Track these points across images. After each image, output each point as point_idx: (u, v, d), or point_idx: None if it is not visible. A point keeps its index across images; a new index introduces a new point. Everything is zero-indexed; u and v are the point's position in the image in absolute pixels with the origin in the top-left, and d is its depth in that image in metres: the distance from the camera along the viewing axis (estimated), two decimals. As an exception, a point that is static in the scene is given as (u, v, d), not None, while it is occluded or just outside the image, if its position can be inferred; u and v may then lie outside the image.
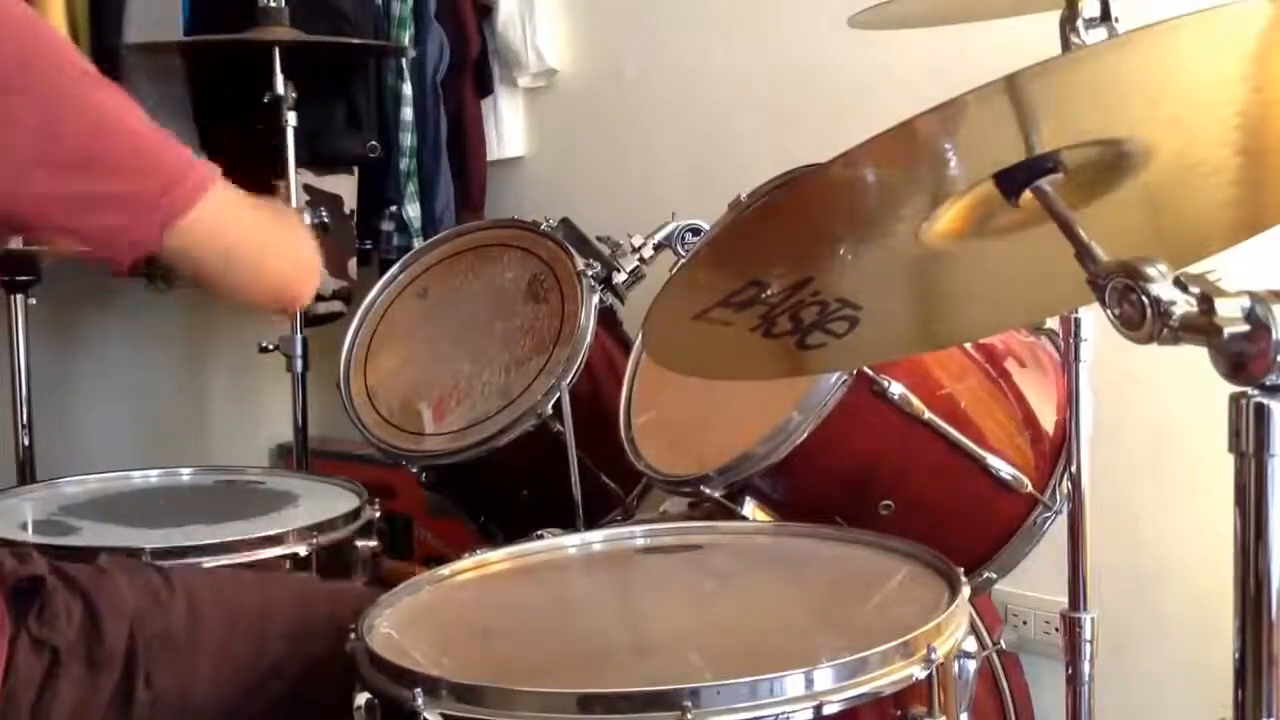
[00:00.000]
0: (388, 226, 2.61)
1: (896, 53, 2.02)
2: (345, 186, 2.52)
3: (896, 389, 1.49)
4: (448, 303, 2.07)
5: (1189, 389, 1.77)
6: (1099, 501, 1.54)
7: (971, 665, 1.13)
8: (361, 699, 1.07)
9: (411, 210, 2.58)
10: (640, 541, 1.46)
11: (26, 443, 2.27)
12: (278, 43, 2.17)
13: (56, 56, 1.17)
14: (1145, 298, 0.81)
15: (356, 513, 1.76)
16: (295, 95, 2.20)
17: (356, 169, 2.54)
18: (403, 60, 2.53)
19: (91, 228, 1.18)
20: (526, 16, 2.63)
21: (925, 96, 0.84)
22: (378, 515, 1.80)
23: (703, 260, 1.17)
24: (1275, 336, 0.78)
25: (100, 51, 2.33)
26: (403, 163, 2.56)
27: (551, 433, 1.83)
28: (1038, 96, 0.88)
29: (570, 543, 1.45)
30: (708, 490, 1.55)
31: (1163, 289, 0.81)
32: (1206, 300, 0.80)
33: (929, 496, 1.56)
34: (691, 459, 1.60)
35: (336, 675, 1.17)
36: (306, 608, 1.37)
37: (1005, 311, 1.26)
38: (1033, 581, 1.83)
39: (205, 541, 1.63)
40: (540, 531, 1.51)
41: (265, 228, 1.31)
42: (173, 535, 1.68)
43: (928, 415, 1.50)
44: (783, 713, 1.01)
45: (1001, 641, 1.65)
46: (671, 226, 2.01)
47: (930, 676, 1.06)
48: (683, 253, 1.99)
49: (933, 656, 1.06)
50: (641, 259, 1.99)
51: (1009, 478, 1.55)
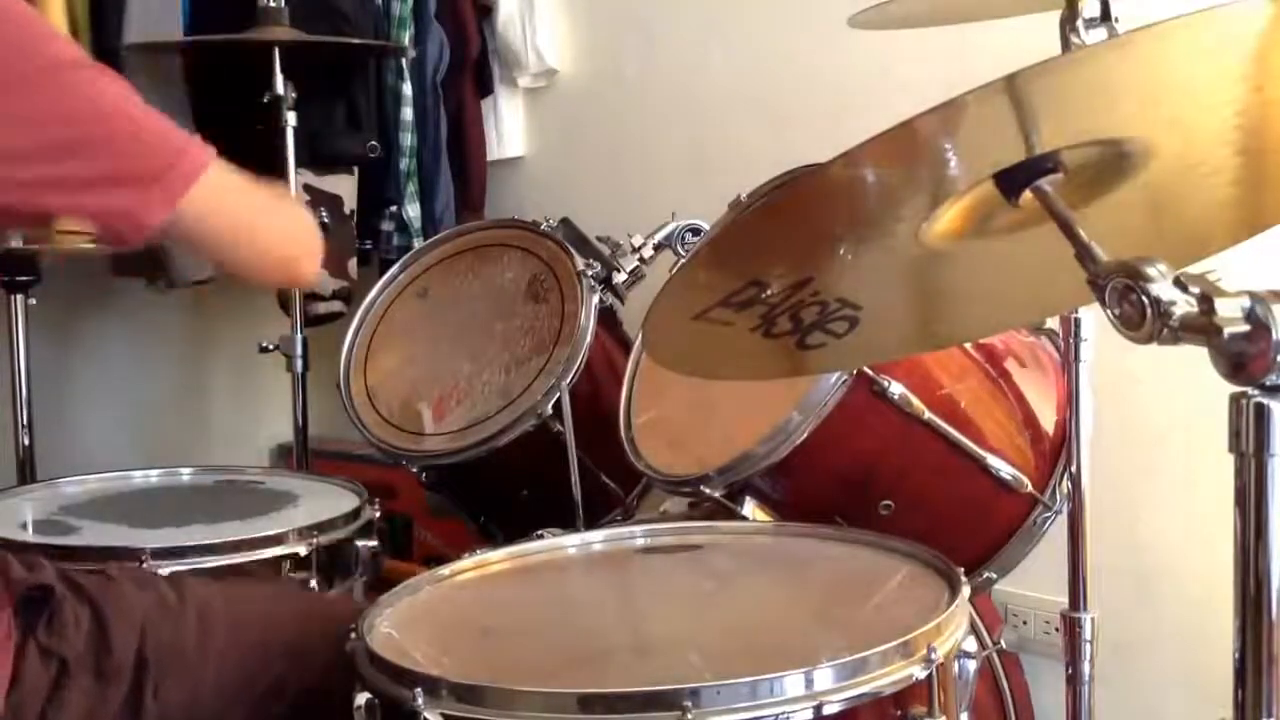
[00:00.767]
0: (388, 226, 2.61)
1: (896, 53, 2.02)
2: (345, 186, 2.52)
3: (896, 389, 1.49)
4: (448, 303, 2.07)
5: (1189, 389, 1.77)
6: (1099, 501, 1.54)
7: (971, 665, 1.13)
8: (361, 699, 1.07)
9: (411, 210, 2.58)
10: (640, 541, 1.46)
11: (26, 443, 2.27)
12: (278, 43, 2.17)
13: (51, 45, 1.17)
14: (1145, 298, 0.81)
15: (356, 513, 1.76)
16: (295, 95, 2.20)
17: (356, 169, 2.54)
18: (403, 60, 2.53)
19: (96, 210, 1.17)
20: (526, 16, 2.63)
21: (925, 96, 0.84)
22: (378, 515, 1.80)
23: (703, 260, 1.17)
24: (1275, 336, 0.78)
25: (100, 51, 2.33)
26: (403, 163, 2.56)
27: (551, 433, 1.83)
28: (1038, 96, 0.88)
29: (570, 543, 1.45)
30: (708, 490, 1.55)
31: (1163, 289, 0.81)
32: (1206, 300, 0.80)
33: (929, 496, 1.56)
34: (691, 459, 1.60)
35: (339, 688, 1.17)
36: (310, 622, 1.37)
37: (1005, 311, 1.26)
38: (1033, 581, 1.82)
39: (205, 541, 1.63)
40: (540, 531, 1.51)
41: (267, 205, 1.31)
42: (173, 535, 1.68)
43: (928, 415, 1.50)
44: (783, 713, 1.01)
45: (1001, 641, 1.65)
46: (671, 226, 2.01)
47: (930, 676, 1.06)
48: (683, 253, 1.99)
49: (933, 656, 1.06)
50: (641, 259, 1.99)
51: (1009, 478, 1.55)
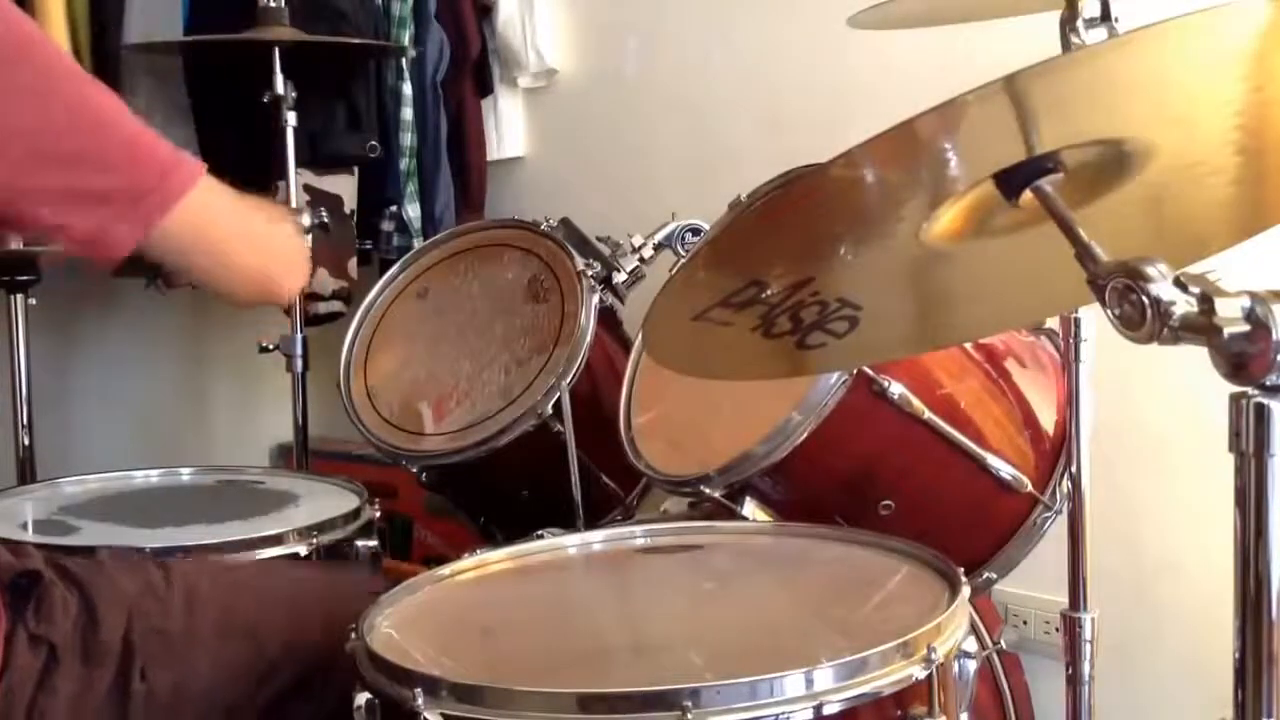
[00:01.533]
0: (388, 226, 2.60)
1: (896, 53, 2.02)
2: (345, 186, 2.52)
3: (896, 389, 1.49)
4: (448, 303, 2.07)
5: (1189, 389, 1.77)
6: (1099, 501, 1.54)
7: (971, 665, 1.13)
8: (361, 699, 1.07)
9: (411, 210, 2.58)
10: (640, 541, 1.46)
11: (26, 443, 2.27)
12: (278, 43, 2.17)
13: (44, 54, 1.17)
14: (1145, 298, 0.81)
15: (356, 513, 1.76)
16: (295, 95, 2.20)
17: (356, 169, 2.54)
18: (403, 60, 2.53)
19: (78, 223, 1.18)
20: (526, 16, 2.63)
21: (925, 96, 0.84)
22: (378, 515, 1.80)
23: (703, 260, 1.17)
24: (1275, 336, 0.78)
25: (100, 52, 2.34)
26: (403, 163, 2.56)
27: (551, 433, 1.83)
28: (1038, 96, 0.88)
29: (570, 543, 1.45)
30: (708, 490, 1.55)
31: (1163, 289, 0.81)
32: (1206, 300, 0.80)
33: (929, 497, 1.56)
34: (691, 459, 1.60)
35: (334, 671, 1.17)
36: (304, 602, 1.37)
37: (1005, 311, 1.26)
38: (1033, 581, 1.82)
39: (205, 541, 1.63)
40: (540, 531, 1.51)
41: (250, 223, 1.31)
42: (173, 535, 1.68)
43: (928, 415, 1.50)
44: (783, 713, 1.01)
45: (1001, 641, 1.65)
46: (671, 226, 2.01)
47: (930, 676, 1.06)
48: (683, 253, 1.99)
49: (933, 656, 1.06)
50: (641, 259, 1.99)
51: (1009, 478, 1.55)
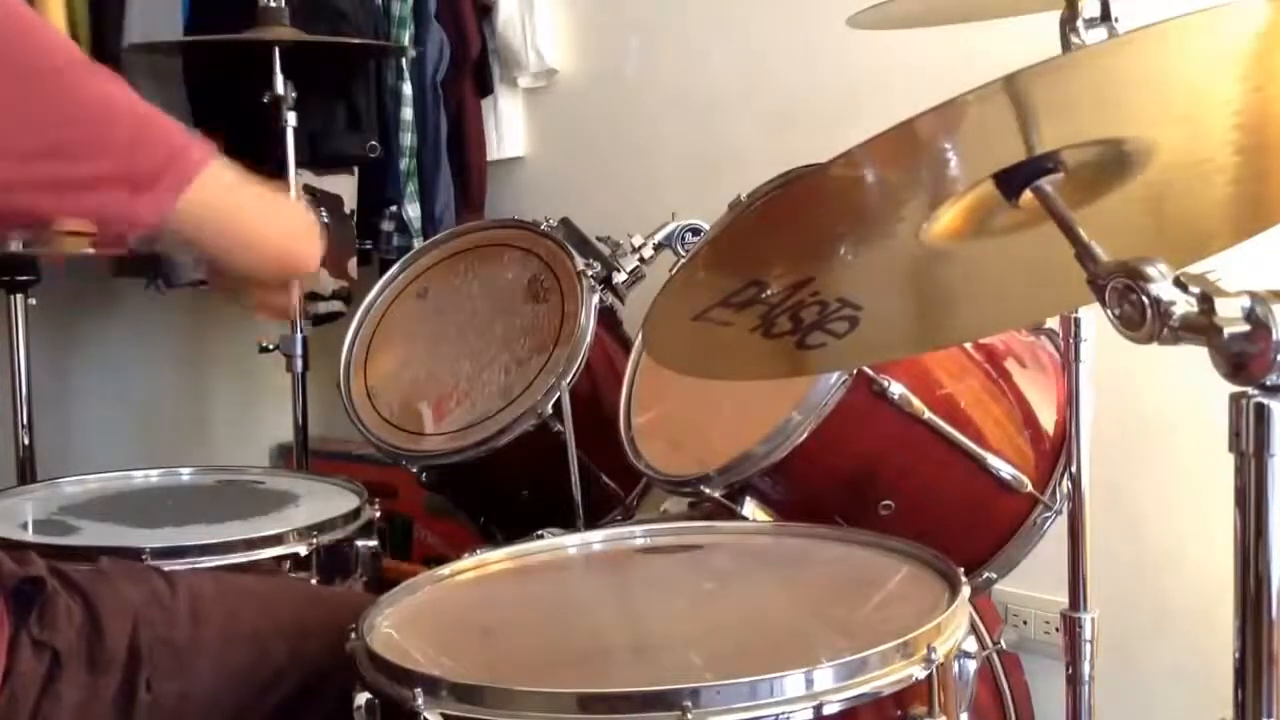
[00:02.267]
0: (388, 226, 2.61)
1: (896, 53, 2.02)
2: (345, 186, 2.52)
3: (896, 389, 1.49)
4: (448, 303, 2.07)
5: (1189, 389, 1.77)
6: (1099, 501, 1.54)
7: (971, 665, 1.13)
8: (361, 699, 1.07)
9: (411, 210, 2.58)
10: (640, 541, 1.46)
11: (26, 443, 2.27)
12: (278, 43, 2.17)
13: (53, 45, 1.17)
14: (1145, 298, 0.81)
15: (356, 513, 1.76)
16: (295, 95, 2.21)
17: (356, 169, 2.54)
18: (403, 60, 2.53)
19: (95, 209, 1.18)
20: (526, 16, 2.63)
21: (925, 96, 0.84)
22: (378, 515, 1.80)
23: (703, 260, 1.17)
24: (1275, 336, 0.78)
25: (100, 51, 2.34)
26: (403, 163, 2.56)
27: (551, 433, 1.83)
28: (1038, 96, 0.88)
29: (570, 543, 1.45)
30: (708, 490, 1.55)
31: (1163, 289, 0.81)
32: (1206, 300, 0.80)
33: (929, 496, 1.56)
34: (691, 459, 1.60)
35: (336, 683, 1.17)
36: (307, 614, 1.37)
37: (1005, 311, 1.25)
38: (1033, 581, 1.82)
39: (205, 541, 1.63)
40: (540, 531, 1.51)
41: (262, 202, 1.32)
42: (173, 535, 1.68)
43: (928, 415, 1.50)
44: (783, 713, 1.01)
45: (1001, 641, 1.65)
46: (671, 226, 2.01)
47: (930, 676, 1.06)
48: (683, 253, 1.99)
49: (933, 656, 1.06)
50: (641, 259, 1.99)
51: (1009, 478, 1.55)
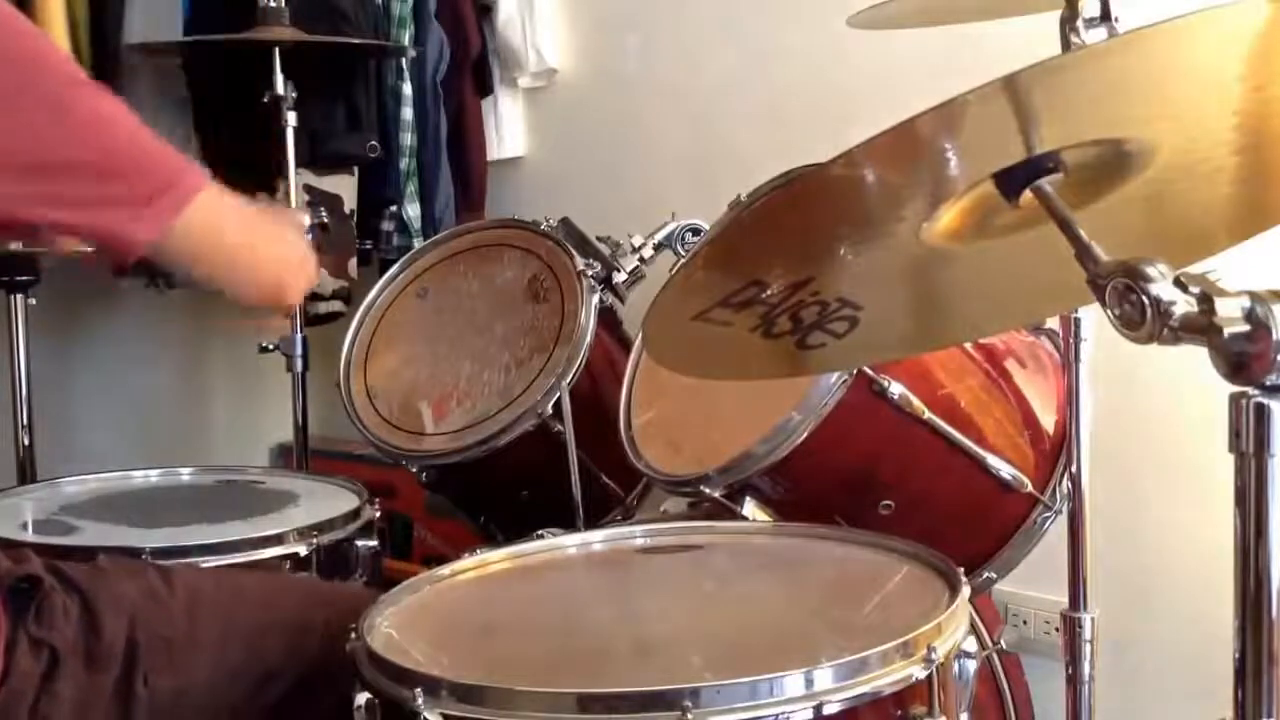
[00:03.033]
0: (388, 226, 2.61)
1: (896, 53, 2.02)
2: (345, 186, 2.52)
3: (896, 389, 1.49)
4: (448, 303, 2.07)
5: (1189, 389, 1.77)
6: (1099, 501, 1.54)
7: (971, 665, 1.13)
8: (361, 699, 1.07)
9: (411, 210, 2.58)
10: (640, 541, 1.46)
11: (26, 443, 2.27)
12: (278, 43, 2.17)
13: (55, 63, 1.17)
14: (1145, 298, 0.81)
15: (356, 513, 1.76)
16: (295, 95, 2.20)
17: (356, 169, 2.54)
18: (403, 60, 2.53)
19: (90, 228, 1.19)
20: (526, 16, 2.63)
21: (925, 96, 0.84)
22: (378, 515, 1.80)
23: (703, 260, 1.17)
24: (1275, 336, 0.78)
25: (100, 52, 2.34)
26: (403, 163, 2.56)
27: (551, 433, 1.83)
28: (1038, 96, 0.88)
29: (570, 543, 1.45)
30: (708, 490, 1.55)
31: (1163, 289, 0.81)
32: (1206, 300, 0.80)
33: (929, 496, 1.56)
34: (691, 459, 1.60)
35: (335, 678, 1.17)
36: (306, 611, 1.37)
37: (1005, 311, 1.25)
38: (1033, 581, 1.82)
39: (205, 541, 1.63)
40: (540, 531, 1.51)
41: (256, 230, 1.32)
42: (173, 535, 1.68)
43: (928, 415, 1.50)
44: (783, 713, 1.01)
45: (1001, 641, 1.65)
46: (671, 226, 2.01)
47: (930, 676, 1.06)
48: (683, 253, 1.99)
49: (933, 656, 1.06)
50: (641, 259, 1.99)
51: (1009, 478, 1.55)
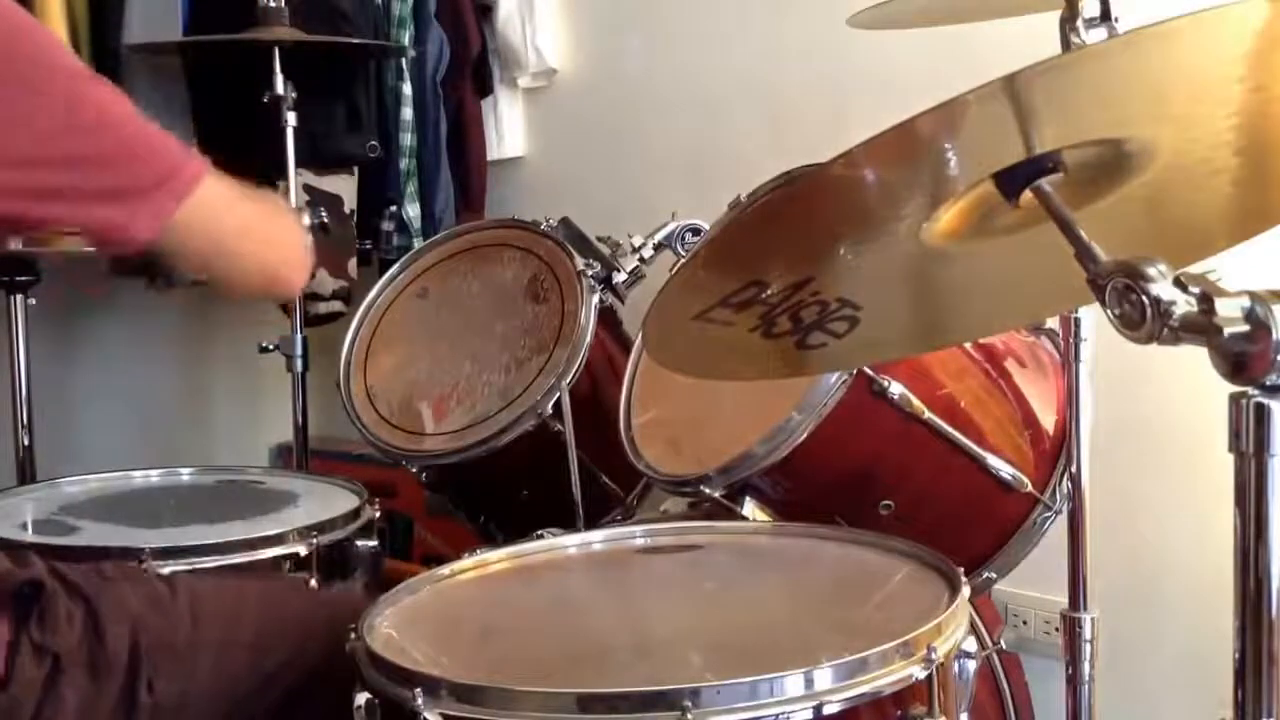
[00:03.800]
0: (388, 226, 2.60)
1: (896, 53, 2.02)
2: (345, 186, 2.52)
3: (896, 389, 1.49)
4: (448, 303, 2.07)
5: (1189, 389, 1.77)
6: (1099, 501, 1.54)
7: (971, 665, 1.13)
8: (361, 699, 1.07)
9: (411, 210, 2.58)
10: (640, 541, 1.46)
11: (26, 443, 2.27)
12: (278, 43, 2.17)
13: (47, 54, 1.17)
14: (1145, 298, 0.81)
15: (356, 513, 1.76)
16: (295, 95, 2.21)
17: (356, 169, 2.54)
18: (403, 60, 2.53)
19: (90, 222, 1.20)
20: (526, 16, 2.63)
21: (925, 96, 0.84)
22: (378, 515, 1.80)
23: (703, 260, 1.16)
24: (1275, 336, 0.78)
25: (100, 51, 2.34)
26: (403, 163, 2.56)
27: (551, 433, 1.83)
28: (1038, 96, 0.88)
29: (570, 543, 1.45)
30: (708, 490, 1.55)
31: (1163, 289, 0.81)
32: (1206, 300, 0.80)
33: (929, 496, 1.56)
34: (691, 459, 1.60)
35: (336, 684, 1.17)
36: (307, 617, 1.37)
37: (1005, 311, 1.25)
38: (1033, 581, 1.82)
39: (205, 541, 1.63)
40: (540, 531, 1.51)
41: (257, 218, 1.32)
42: (173, 535, 1.68)
43: (928, 415, 1.50)
44: (783, 713, 1.01)
45: (1001, 641, 1.65)
46: (671, 226, 2.01)
47: (930, 676, 1.06)
48: (683, 253, 1.99)
49: (933, 656, 1.06)
50: (641, 259, 1.99)
51: (1009, 477, 1.55)
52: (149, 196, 1.18)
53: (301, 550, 1.65)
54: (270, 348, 2.29)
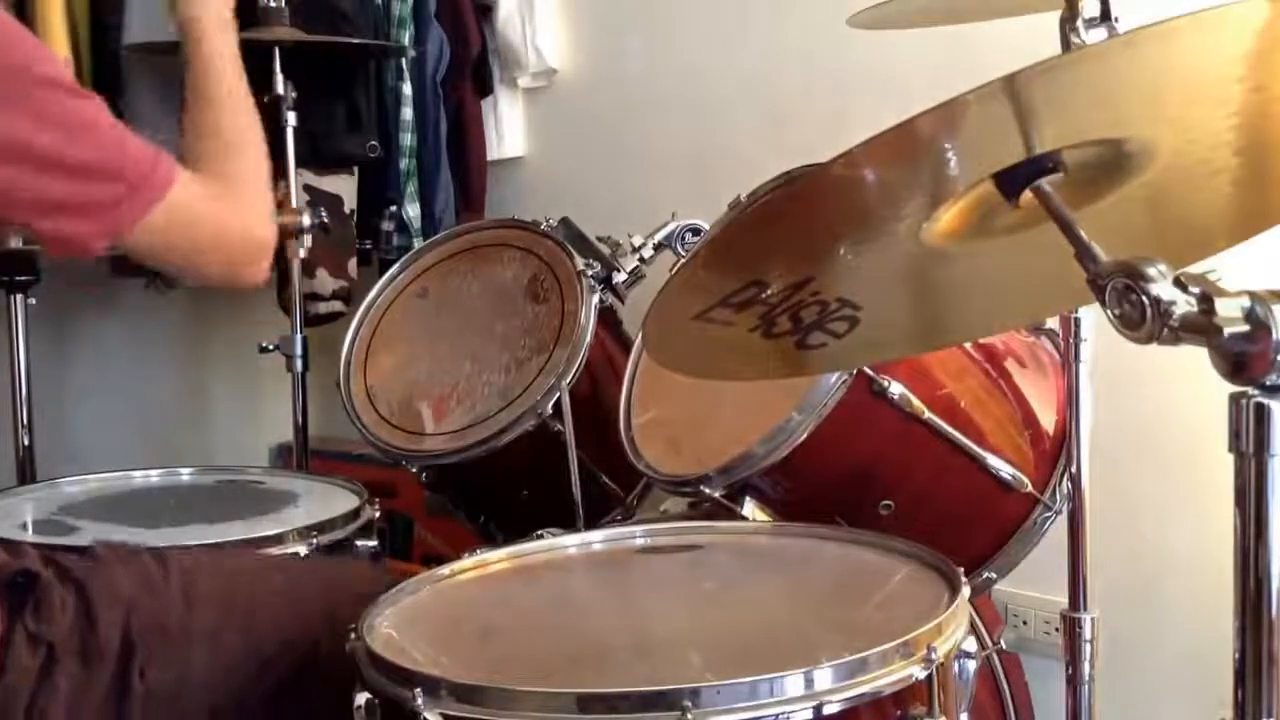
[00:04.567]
0: (388, 226, 2.60)
1: (896, 53, 2.02)
2: (345, 186, 2.52)
3: (896, 389, 1.49)
4: (448, 303, 2.07)
5: (1189, 389, 1.77)
6: (1099, 501, 1.54)
7: (971, 665, 1.13)
8: (361, 699, 1.07)
9: (411, 210, 2.58)
10: (640, 541, 1.46)
11: (26, 443, 2.27)
12: (278, 42, 2.17)
13: (32, 62, 1.18)
14: (1145, 298, 0.81)
15: (356, 513, 1.76)
16: (295, 95, 2.21)
17: (356, 169, 2.54)
18: (403, 60, 2.53)
19: (53, 230, 1.22)
20: (526, 16, 2.63)
21: (925, 96, 0.84)
22: (378, 515, 1.80)
23: (703, 260, 1.16)
24: (1275, 336, 0.78)
25: (100, 52, 2.34)
26: (403, 163, 2.56)
27: (551, 433, 1.83)
28: (1038, 96, 0.88)
29: (570, 543, 1.45)
30: (708, 490, 1.55)
31: (1163, 289, 0.81)
32: (1206, 300, 0.80)
33: (929, 496, 1.56)
34: (691, 459, 1.60)
35: (332, 666, 1.17)
36: (302, 586, 1.38)
37: (1005, 311, 1.26)
38: (1033, 581, 1.82)
39: (205, 541, 1.63)
40: (540, 531, 1.51)
41: (220, 218, 1.33)
42: (172, 535, 1.68)
43: (927, 415, 1.50)
44: (783, 713, 1.01)
45: (1001, 641, 1.65)
46: (671, 226, 2.01)
47: (930, 676, 1.06)
48: (683, 253, 1.99)
49: (933, 656, 1.06)
50: (641, 259, 1.99)
51: (1009, 477, 1.55)
52: (115, 208, 1.20)
53: (301, 550, 1.65)
54: (270, 348, 2.29)
